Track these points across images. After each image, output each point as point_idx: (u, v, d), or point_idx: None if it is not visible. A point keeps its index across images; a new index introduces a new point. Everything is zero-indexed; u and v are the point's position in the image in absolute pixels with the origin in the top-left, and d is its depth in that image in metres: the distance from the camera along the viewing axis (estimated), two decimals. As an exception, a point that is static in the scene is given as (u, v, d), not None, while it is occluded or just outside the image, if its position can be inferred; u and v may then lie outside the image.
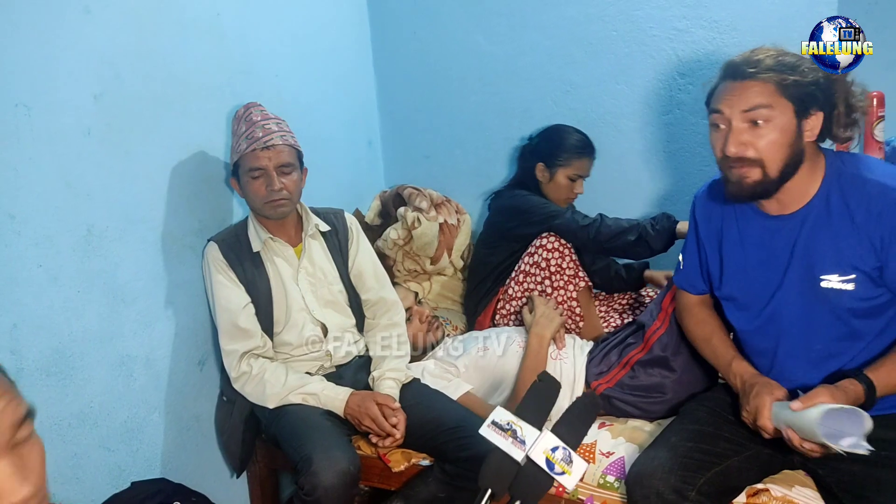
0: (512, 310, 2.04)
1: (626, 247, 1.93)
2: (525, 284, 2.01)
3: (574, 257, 2.00)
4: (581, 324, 2.00)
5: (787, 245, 1.33)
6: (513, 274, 2.05)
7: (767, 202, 1.33)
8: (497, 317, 2.08)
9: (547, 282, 1.99)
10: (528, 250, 2.02)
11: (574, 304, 1.98)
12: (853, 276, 1.26)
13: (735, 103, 1.24)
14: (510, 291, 2.04)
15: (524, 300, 2.01)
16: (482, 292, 2.16)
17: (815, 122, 1.26)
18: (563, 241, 1.99)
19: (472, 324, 2.19)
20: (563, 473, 1.03)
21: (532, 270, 2.00)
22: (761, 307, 1.38)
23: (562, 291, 1.99)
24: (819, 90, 1.25)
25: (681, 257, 1.57)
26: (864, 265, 1.25)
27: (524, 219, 2.05)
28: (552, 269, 1.98)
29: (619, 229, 1.92)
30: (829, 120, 1.28)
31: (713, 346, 1.49)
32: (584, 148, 2.12)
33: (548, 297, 1.96)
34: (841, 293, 1.27)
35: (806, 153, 1.28)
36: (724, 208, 1.43)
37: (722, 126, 1.28)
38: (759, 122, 1.23)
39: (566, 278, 1.98)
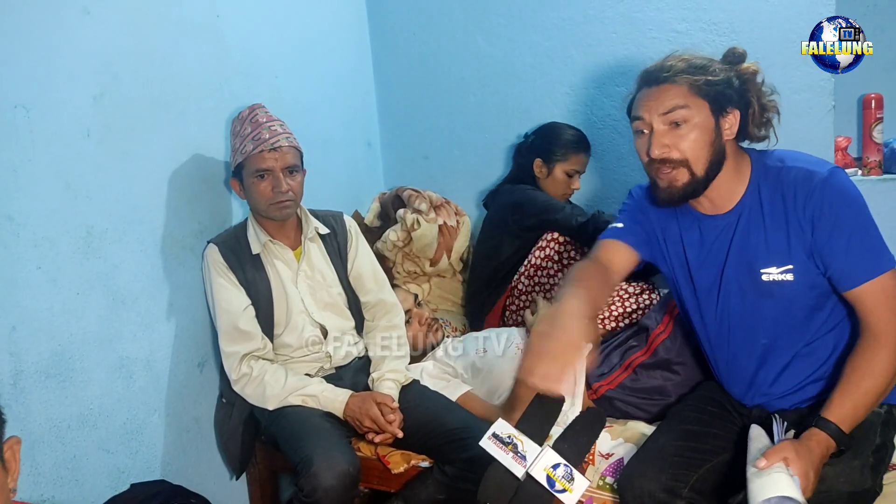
0: (522, 305, 2.03)
1: None
2: (535, 279, 2.01)
3: (586, 251, 2.00)
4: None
5: (724, 244, 1.35)
6: (521, 269, 2.05)
7: (702, 204, 1.36)
8: (507, 313, 2.08)
9: (559, 275, 1.98)
10: (539, 244, 2.02)
11: None
12: (790, 266, 1.28)
13: (653, 108, 1.28)
14: (520, 286, 2.03)
15: (535, 295, 2.01)
16: (489, 290, 2.15)
17: (732, 121, 1.30)
18: (565, 238, 1.99)
19: (480, 323, 2.18)
20: (563, 491, 1.03)
21: (543, 264, 1.99)
22: (712, 305, 1.41)
23: None
24: (731, 89, 1.29)
25: (620, 223, 1.49)
26: (799, 254, 1.28)
27: (523, 211, 2.06)
28: (564, 262, 1.98)
29: None
30: (745, 118, 1.31)
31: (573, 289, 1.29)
32: (580, 143, 2.15)
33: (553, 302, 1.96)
34: (783, 284, 1.29)
35: (728, 152, 1.31)
36: (662, 210, 1.44)
37: (644, 131, 1.30)
38: (679, 122, 1.26)
39: None
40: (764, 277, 1.31)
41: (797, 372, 1.36)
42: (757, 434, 1.27)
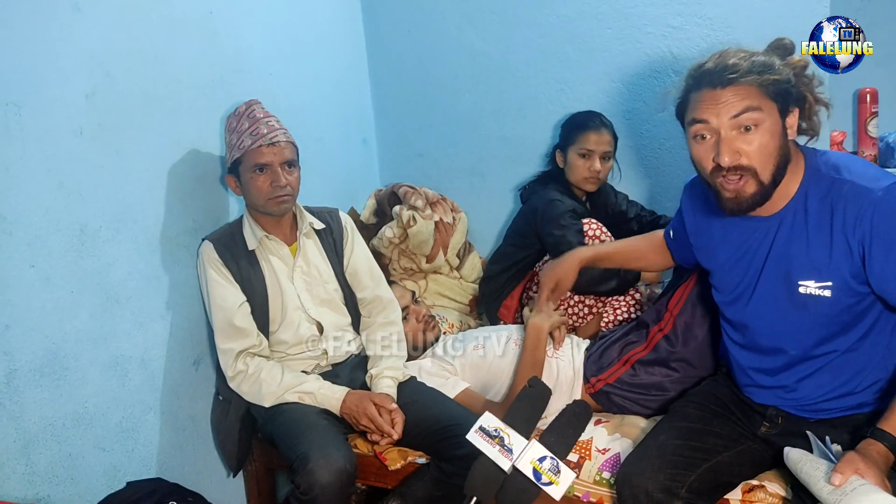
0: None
1: (605, 291, 1.97)
2: None
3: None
4: (589, 317, 1.99)
5: (764, 248, 1.31)
6: (546, 256, 2.04)
7: None
8: (525, 297, 2.08)
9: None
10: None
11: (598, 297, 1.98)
12: (829, 282, 1.23)
13: (722, 111, 1.19)
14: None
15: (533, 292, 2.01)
16: (508, 275, 2.16)
17: (793, 120, 1.23)
18: (604, 229, 1.98)
19: (495, 307, 2.18)
20: (550, 484, 1.03)
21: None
22: (742, 305, 1.37)
23: None
24: (792, 86, 1.23)
25: (671, 233, 1.64)
26: (840, 271, 1.22)
27: (535, 221, 2.05)
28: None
29: (597, 278, 1.91)
30: (801, 115, 1.26)
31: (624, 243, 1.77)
32: (587, 121, 2.07)
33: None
34: (819, 300, 1.24)
35: (790, 153, 1.25)
36: (707, 205, 1.41)
37: (708, 136, 1.22)
38: (750, 126, 1.18)
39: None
40: (801, 290, 1.25)
41: (822, 383, 1.31)
42: (799, 455, 1.21)
